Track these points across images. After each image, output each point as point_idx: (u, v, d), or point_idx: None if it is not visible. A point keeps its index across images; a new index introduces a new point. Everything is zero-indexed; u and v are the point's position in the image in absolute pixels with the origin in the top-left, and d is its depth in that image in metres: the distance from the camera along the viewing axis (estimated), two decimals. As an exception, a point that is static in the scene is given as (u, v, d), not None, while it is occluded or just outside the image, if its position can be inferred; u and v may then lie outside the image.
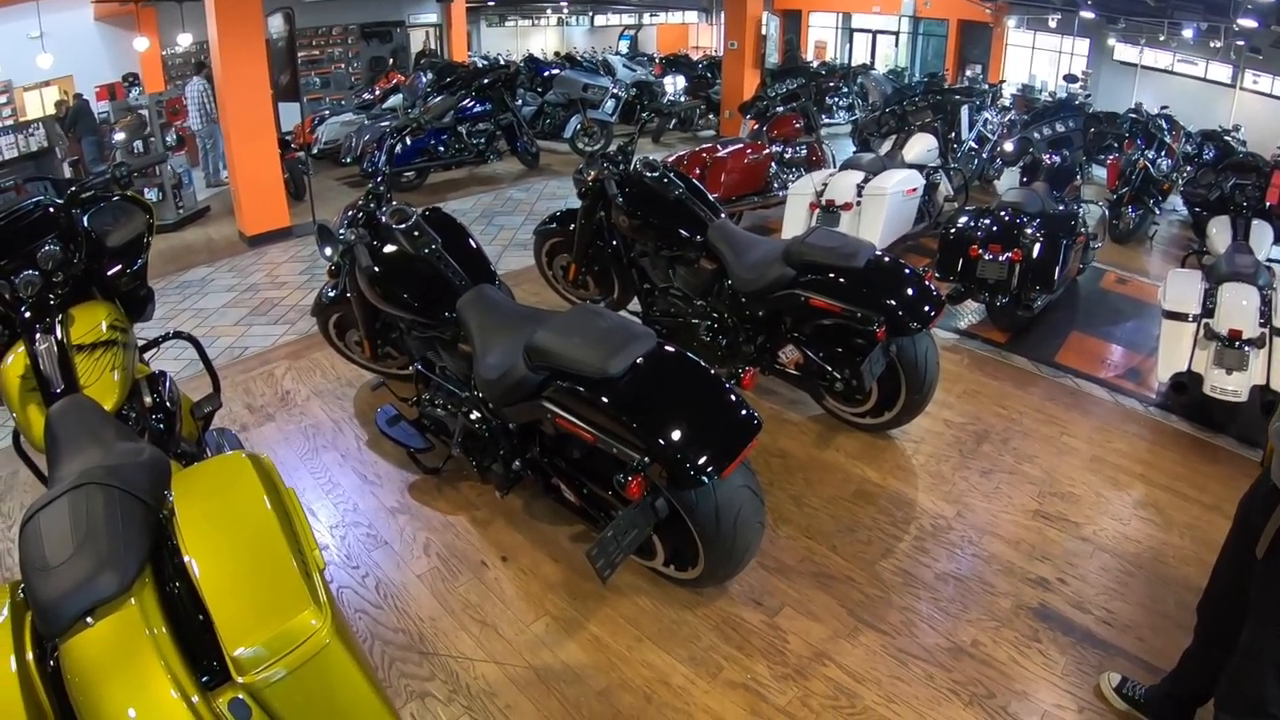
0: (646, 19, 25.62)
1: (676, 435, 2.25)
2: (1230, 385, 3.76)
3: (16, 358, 2.25)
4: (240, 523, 1.48)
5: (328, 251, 3.34)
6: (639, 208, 3.90)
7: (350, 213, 3.25)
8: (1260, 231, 5.57)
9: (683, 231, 3.79)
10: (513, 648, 2.46)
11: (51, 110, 10.74)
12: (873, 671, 2.41)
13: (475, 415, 2.82)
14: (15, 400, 2.24)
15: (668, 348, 2.52)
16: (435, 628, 2.53)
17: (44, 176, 8.06)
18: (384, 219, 3.06)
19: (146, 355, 3.05)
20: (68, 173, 9.77)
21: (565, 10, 25.18)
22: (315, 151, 9.19)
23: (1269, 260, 5.09)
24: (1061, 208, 5.21)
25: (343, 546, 2.88)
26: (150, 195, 7.65)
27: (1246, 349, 3.77)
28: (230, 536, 1.45)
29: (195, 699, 1.23)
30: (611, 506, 2.55)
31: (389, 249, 3.05)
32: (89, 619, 1.31)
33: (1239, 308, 3.89)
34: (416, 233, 3.01)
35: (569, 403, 2.43)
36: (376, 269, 3.02)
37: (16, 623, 1.40)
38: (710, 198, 4.05)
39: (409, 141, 8.00)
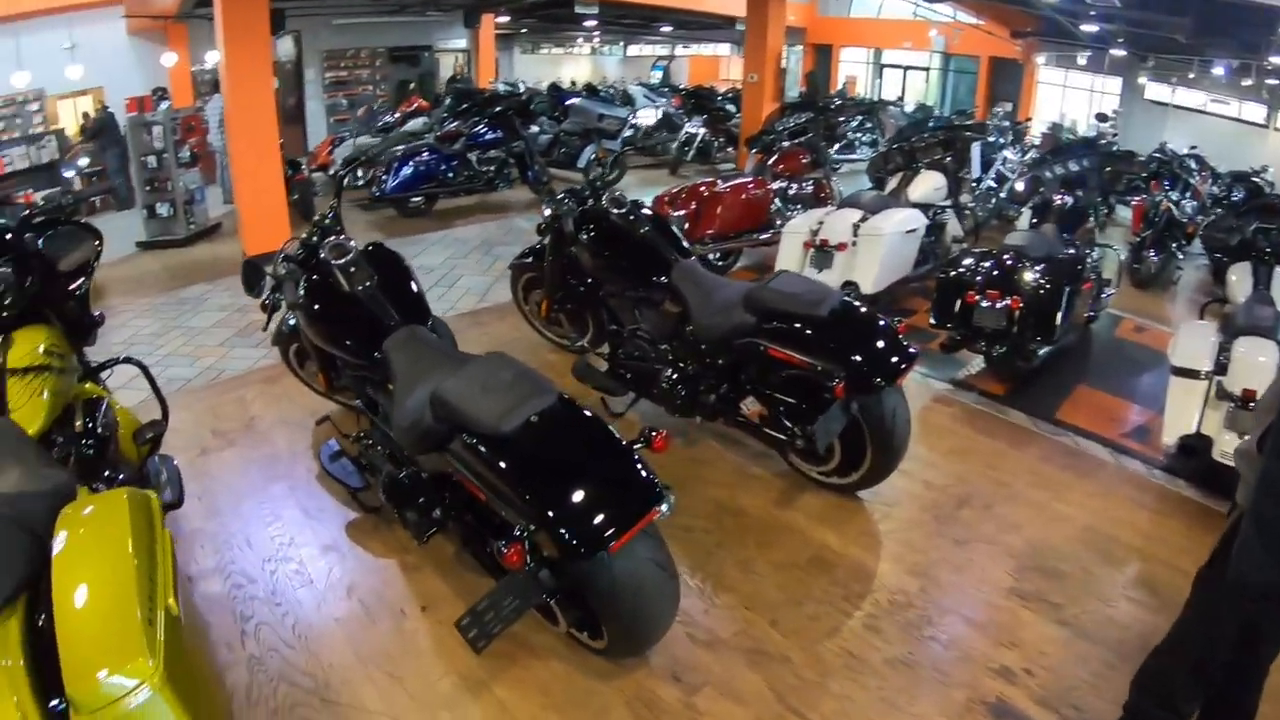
0: (679, 50, 25.65)
1: (564, 503, 2.08)
2: None
3: None
4: (101, 563, 1.52)
5: (256, 291, 3.30)
6: (601, 246, 3.75)
7: (293, 244, 3.25)
8: (1285, 280, 5.13)
9: (645, 271, 3.62)
10: (414, 704, 2.35)
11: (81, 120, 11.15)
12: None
13: (394, 460, 2.76)
14: None
15: (569, 406, 2.38)
16: (342, 675, 2.44)
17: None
18: (323, 254, 2.99)
19: (103, 376, 3.11)
20: (78, 185, 10.09)
21: (598, 40, 25.33)
22: (332, 173, 9.29)
23: None
24: (1070, 251, 4.90)
25: (270, 582, 2.83)
26: (162, 210, 7.85)
27: None
28: (91, 575, 1.49)
29: None
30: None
31: (322, 285, 3.00)
32: None
33: (1254, 365, 3.51)
34: (353, 269, 2.95)
35: (467, 458, 2.31)
36: (310, 305, 2.98)
37: None
38: (679, 237, 3.86)
39: (402, 170, 7.98)
